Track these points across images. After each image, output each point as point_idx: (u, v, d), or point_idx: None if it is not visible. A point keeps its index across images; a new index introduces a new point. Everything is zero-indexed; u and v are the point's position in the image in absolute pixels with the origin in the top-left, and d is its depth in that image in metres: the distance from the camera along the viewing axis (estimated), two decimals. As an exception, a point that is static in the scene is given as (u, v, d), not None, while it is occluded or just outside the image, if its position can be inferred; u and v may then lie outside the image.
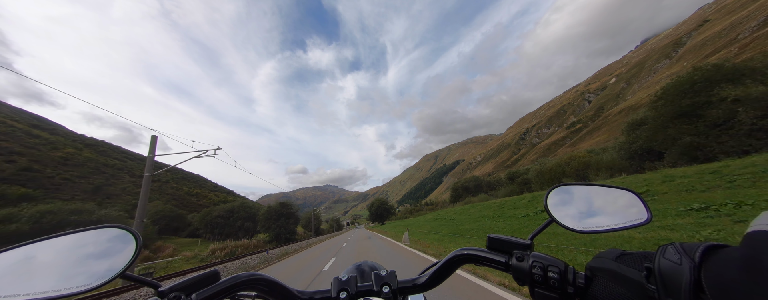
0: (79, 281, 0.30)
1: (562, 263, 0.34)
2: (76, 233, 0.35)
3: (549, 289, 0.33)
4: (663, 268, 0.20)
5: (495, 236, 0.43)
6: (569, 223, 0.42)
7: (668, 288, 0.19)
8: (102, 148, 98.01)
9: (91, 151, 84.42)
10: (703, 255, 0.18)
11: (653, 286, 0.21)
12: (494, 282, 4.27)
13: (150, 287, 0.33)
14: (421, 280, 0.49)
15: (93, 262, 0.33)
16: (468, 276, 4.77)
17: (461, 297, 3.73)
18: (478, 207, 26.99)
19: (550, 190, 0.48)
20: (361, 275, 0.59)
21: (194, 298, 0.34)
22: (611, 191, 0.46)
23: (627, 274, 0.26)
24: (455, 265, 0.48)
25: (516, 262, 0.38)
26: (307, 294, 0.47)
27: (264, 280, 0.43)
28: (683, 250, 0.20)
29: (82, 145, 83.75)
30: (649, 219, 0.41)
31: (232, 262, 14.64)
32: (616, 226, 0.40)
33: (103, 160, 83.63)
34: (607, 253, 0.31)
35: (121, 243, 0.36)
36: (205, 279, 0.37)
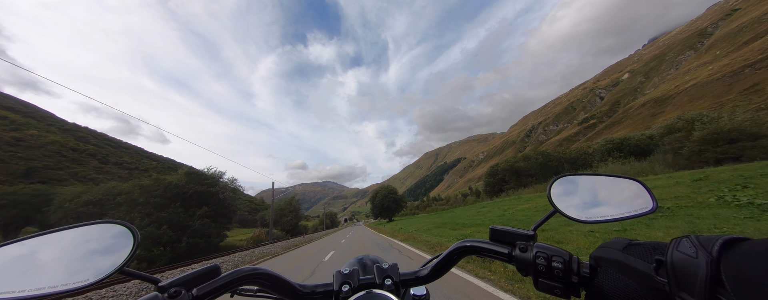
0: (79, 277, 0.30)
1: (566, 253, 0.34)
2: (75, 228, 0.35)
3: (553, 279, 0.33)
4: (676, 261, 0.20)
5: (498, 228, 0.43)
6: (573, 213, 0.42)
7: (681, 282, 0.19)
8: (81, 134, 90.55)
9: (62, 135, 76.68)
10: (722, 249, 0.18)
11: (663, 279, 0.21)
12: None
13: (150, 282, 0.32)
14: (423, 273, 0.49)
15: (92, 257, 0.32)
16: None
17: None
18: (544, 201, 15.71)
19: (554, 181, 0.47)
20: (363, 268, 0.59)
21: (195, 293, 0.34)
22: (616, 181, 0.45)
23: (635, 265, 0.25)
24: (457, 257, 0.47)
25: (519, 253, 0.38)
26: (309, 287, 0.47)
27: (265, 274, 0.43)
28: (699, 243, 0.19)
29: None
30: (654, 208, 0.40)
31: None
32: (621, 215, 0.40)
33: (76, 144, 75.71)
34: (613, 243, 0.31)
35: (119, 239, 0.35)
36: (206, 274, 0.37)
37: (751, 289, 0.14)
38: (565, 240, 5.62)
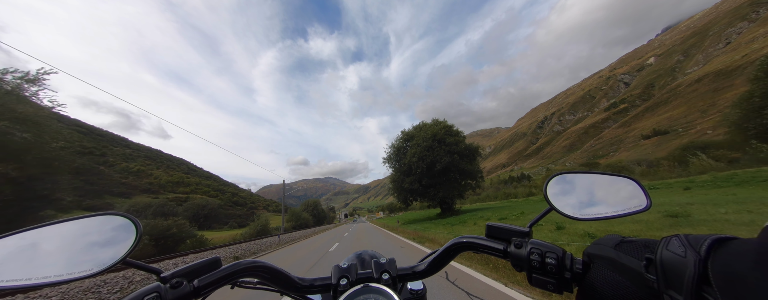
0: (83, 267, 0.31)
1: (559, 249, 0.34)
2: (78, 220, 0.35)
3: (546, 274, 0.34)
4: (665, 259, 0.20)
5: (494, 224, 0.43)
6: (568, 211, 0.42)
7: (669, 280, 0.19)
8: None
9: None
10: (710, 248, 0.18)
11: (653, 277, 0.21)
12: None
13: (152, 273, 0.33)
14: (420, 268, 0.49)
15: (95, 248, 0.33)
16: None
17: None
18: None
19: (550, 179, 0.47)
20: (361, 263, 0.60)
21: (196, 284, 0.34)
22: (611, 180, 0.46)
23: (626, 262, 0.25)
24: (454, 252, 0.48)
25: (514, 249, 0.38)
26: (308, 280, 0.48)
27: (264, 267, 0.43)
28: (688, 242, 0.20)
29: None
30: (648, 206, 0.40)
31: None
32: (615, 213, 0.40)
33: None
34: (605, 240, 0.31)
35: (122, 230, 0.36)
36: (207, 265, 0.37)
37: (737, 288, 0.14)
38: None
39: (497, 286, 3.43)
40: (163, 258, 10.49)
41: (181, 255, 11.41)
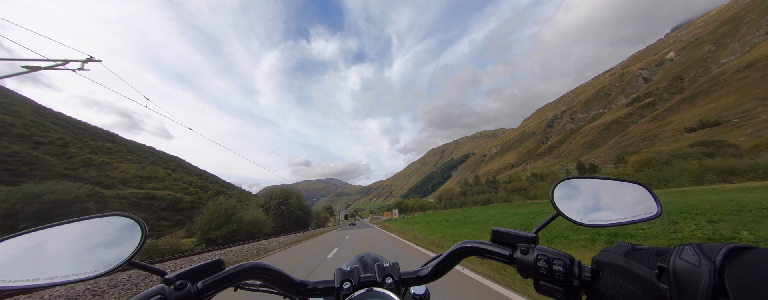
0: (88, 268, 0.31)
1: (567, 257, 0.33)
2: (84, 221, 0.36)
3: (554, 282, 0.33)
4: (678, 269, 0.19)
5: (499, 229, 0.42)
6: (575, 216, 0.41)
7: (683, 290, 0.18)
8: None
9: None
10: (726, 257, 0.17)
11: (665, 286, 0.20)
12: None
13: (157, 274, 0.33)
14: (423, 272, 0.49)
15: (101, 249, 0.34)
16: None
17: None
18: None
19: (557, 184, 0.46)
20: (364, 266, 0.59)
21: (200, 286, 0.34)
22: (620, 185, 0.44)
23: (636, 270, 0.25)
24: (458, 257, 0.47)
25: (520, 255, 0.37)
26: (311, 284, 0.47)
27: (267, 269, 0.43)
28: (702, 251, 0.19)
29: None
30: (659, 213, 0.39)
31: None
32: (624, 219, 0.39)
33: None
34: (615, 248, 0.30)
35: (128, 231, 0.36)
36: (210, 267, 0.37)
37: (755, 299, 0.13)
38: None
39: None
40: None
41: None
